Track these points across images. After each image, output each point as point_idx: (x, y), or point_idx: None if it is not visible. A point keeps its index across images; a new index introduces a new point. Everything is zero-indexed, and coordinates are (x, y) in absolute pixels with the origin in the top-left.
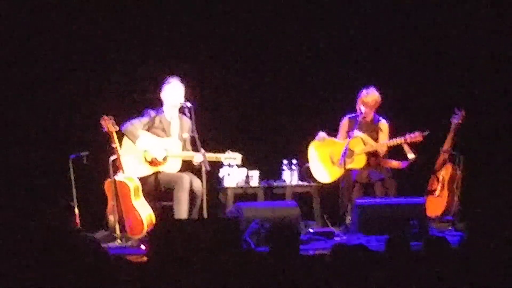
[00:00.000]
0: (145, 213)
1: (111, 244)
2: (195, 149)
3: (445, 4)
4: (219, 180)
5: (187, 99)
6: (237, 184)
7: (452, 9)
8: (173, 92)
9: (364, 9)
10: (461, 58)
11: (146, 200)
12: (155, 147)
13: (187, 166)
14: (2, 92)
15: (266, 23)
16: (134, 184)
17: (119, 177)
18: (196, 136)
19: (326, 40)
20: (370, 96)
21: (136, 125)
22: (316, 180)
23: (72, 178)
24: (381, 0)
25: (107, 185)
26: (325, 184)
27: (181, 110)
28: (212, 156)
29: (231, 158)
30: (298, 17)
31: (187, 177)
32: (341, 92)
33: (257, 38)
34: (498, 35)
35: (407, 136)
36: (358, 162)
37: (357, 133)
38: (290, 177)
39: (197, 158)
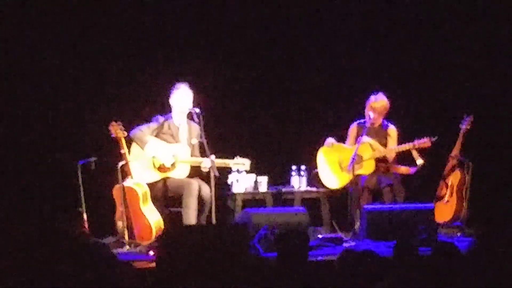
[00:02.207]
0: (154, 219)
1: (119, 250)
2: (204, 155)
3: (454, 9)
4: (228, 186)
5: (195, 104)
6: (245, 190)
7: (462, 14)
8: (182, 97)
9: (373, 14)
10: (470, 63)
11: (154, 206)
12: (164, 153)
13: (196, 172)
14: (11, 98)
15: (274, 29)
16: (142, 190)
17: (127, 183)
18: (205, 141)
19: (334, 45)
20: (378, 102)
21: (145, 131)
22: (325, 186)
23: (81, 184)
24: (390, 5)
25: (116, 191)
26: (334, 190)
27: (190, 116)
28: (220, 162)
29: (240, 164)
30: (306, 23)
31: (195, 183)
32: (349, 98)
33: (266, 44)
34: (508, 40)
35: (416, 142)
36: (367, 168)
37: (365, 139)
38: (298, 182)
39: (206, 164)
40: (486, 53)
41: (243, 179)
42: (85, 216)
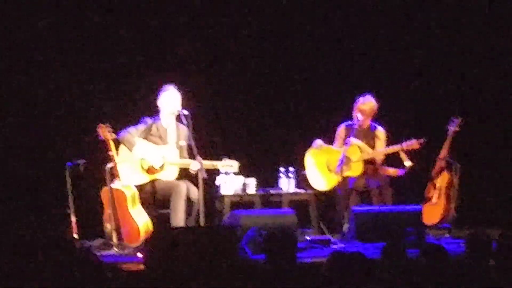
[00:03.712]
0: (142, 221)
1: (107, 252)
2: (192, 156)
3: (442, 12)
4: (216, 188)
5: (184, 106)
6: (234, 191)
7: (449, 17)
8: (170, 99)
9: (360, 17)
10: (458, 65)
11: (143, 208)
12: (152, 155)
13: (184, 174)
14: None
15: (263, 31)
16: (131, 192)
17: (116, 185)
18: (193, 143)
19: (322, 47)
20: (366, 103)
21: (133, 133)
22: (313, 188)
23: (69, 186)
24: (377, 8)
25: (104, 193)
26: (322, 192)
27: (178, 118)
28: (209, 163)
29: (228, 165)
30: (295, 26)
31: (184, 185)
32: (337, 99)
33: (254, 45)
34: (495, 43)
35: (404, 143)
36: (355, 169)
37: (354, 140)
38: (287, 184)
39: (194, 165)
40: (475, 55)
41: (231, 181)
42: (73, 218)
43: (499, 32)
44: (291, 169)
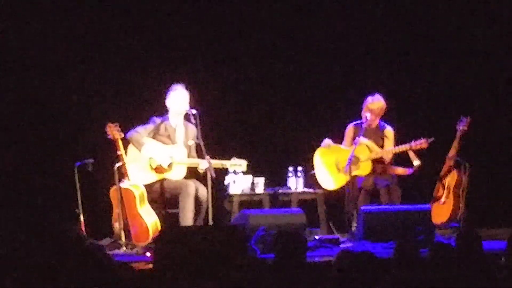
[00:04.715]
0: (151, 220)
1: (116, 252)
2: (201, 156)
3: (451, 12)
4: (225, 187)
5: (192, 106)
6: (242, 191)
7: (458, 17)
8: (178, 99)
9: (370, 16)
10: (467, 64)
11: (151, 207)
12: (160, 154)
13: (193, 173)
14: (7, 99)
15: (271, 29)
16: (139, 192)
17: (124, 184)
18: (202, 143)
19: (331, 47)
20: (375, 103)
21: (141, 133)
22: (322, 187)
23: (78, 185)
24: (386, 8)
25: (113, 192)
26: (331, 191)
27: (186, 117)
28: (217, 163)
29: (237, 165)
30: (304, 24)
31: (192, 184)
32: (346, 99)
33: (262, 44)
34: (504, 43)
35: (413, 143)
36: (364, 169)
37: (362, 140)
38: (295, 184)
39: (203, 165)
40: (483, 54)
41: (240, 180)
42: (82, 217)
43: (508, 31)
44: (299, 168)
